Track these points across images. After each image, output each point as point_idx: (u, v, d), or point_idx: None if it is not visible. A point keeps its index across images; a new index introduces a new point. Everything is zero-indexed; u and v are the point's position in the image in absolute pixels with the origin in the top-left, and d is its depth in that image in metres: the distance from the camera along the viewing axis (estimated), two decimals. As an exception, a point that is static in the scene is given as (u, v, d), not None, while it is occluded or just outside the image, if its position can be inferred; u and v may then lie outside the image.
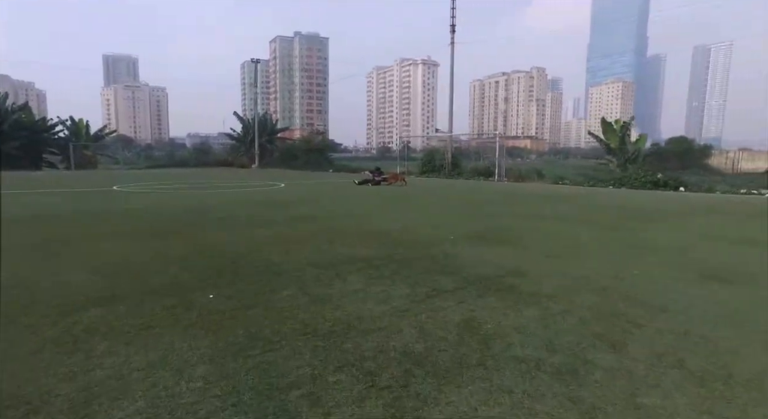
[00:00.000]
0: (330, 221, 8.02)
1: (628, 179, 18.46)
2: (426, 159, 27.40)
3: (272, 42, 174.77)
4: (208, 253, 5.24)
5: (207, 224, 7.52)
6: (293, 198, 12.84)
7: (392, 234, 6.63)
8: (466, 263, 4.87)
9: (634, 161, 21.32)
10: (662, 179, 17.70)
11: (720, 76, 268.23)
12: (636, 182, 17.97)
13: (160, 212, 9.11)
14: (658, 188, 17.46)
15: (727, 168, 35.25)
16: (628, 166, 20.94)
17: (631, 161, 21.31)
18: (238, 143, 46.29)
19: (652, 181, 17.75)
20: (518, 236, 6.57)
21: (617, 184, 18.64)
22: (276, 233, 6.64)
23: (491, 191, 16.50)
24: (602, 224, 8.08)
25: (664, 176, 18.03)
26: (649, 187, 17.60)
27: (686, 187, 17.18)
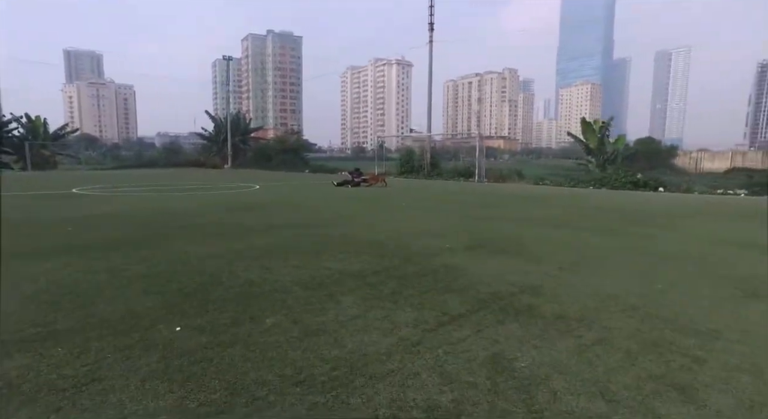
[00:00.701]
0: (313, 228, 7.36)
1: (608, 179, 18.44)
2: (404, 159, 26.91)
3: (244, 40, 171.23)
4: (174, 271, 4.52)
5: (173, 234, 6.74)
6: (270, 202, 12.08)
7: (384, 243, 6.04)
8: (473, 278, 4.34)
9: (613, 161, 21.44)
10: (642, 180, 17.74)
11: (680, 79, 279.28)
12: (616, 183, 17.96)
13: (120, 220, 8.24)
14: (638, 188, 17.49)
15: (691, 168, 36.32)
16: (607, 166, 21.01)
17: (610, 162, 21.43)
18: (210, 143, 44.74)
19: (632, 181, 17.76)
20: (520, 245, 6.09)
21: (597, 184, 18.60)
22: (253, 244, 5.94)
23: (475, 192, 16.12)
24: (601, 228, 7.71)
25: (644, 176, 18.07)
26: (629, 187, 17.61)
27: (665, 187, 17.25)
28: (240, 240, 6.12)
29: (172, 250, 5.46)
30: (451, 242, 6.15)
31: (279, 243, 5.96)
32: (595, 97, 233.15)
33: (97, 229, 7.03)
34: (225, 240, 6.11)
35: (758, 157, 40.32)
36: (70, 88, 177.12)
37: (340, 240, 6.24)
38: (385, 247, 5.81)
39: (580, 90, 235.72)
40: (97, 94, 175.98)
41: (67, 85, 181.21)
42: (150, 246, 5.66)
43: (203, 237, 6.37)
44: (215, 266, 4.67)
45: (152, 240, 6.07)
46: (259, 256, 5.17)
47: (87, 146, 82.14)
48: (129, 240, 6.08)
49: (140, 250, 5.42)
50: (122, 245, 5.70)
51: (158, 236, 6.46)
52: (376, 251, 5.57)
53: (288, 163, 34.94)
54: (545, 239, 6.60)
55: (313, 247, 5.75)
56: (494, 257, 5.33)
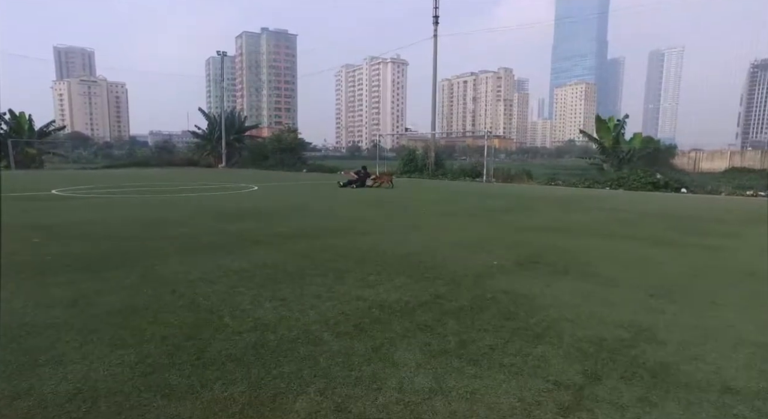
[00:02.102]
0: (327, 238, 6.27)
1: (625, 179, 17.47)
2: (407, 159, 25.81)
3: (238, 38, 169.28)
4: (159, 305, 3.41)
5: (160, 247, 5.62)
6: (271, 205, 10.96)
7: (418, 259, 4.96)
8: (552, 313, 3.27)
9: (629, 160, 20.47)
10: (662, 180, 16.79)
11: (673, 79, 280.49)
12: (635, 183, 16.99)
13: (99, 229, 7.09)
14: (658, 189, 16.54)
15: (689, 168, 35.60)
16: (623, 166, 20.05)
17: (626, 161, 20.46)
18: (204, 142, 43.35)
19: (651, 182, 16.81)
20: (578, 261, 5.04)
21: (614, 185, 17.63)
22: (259, 261, 4.84)
23: (491, 194, 15.07)
24: (656, 239, 6.67)
25: (664, 177, 17.13)
26: (648, 188, 16.65)
27: (687, 188, 16.31)
28: (242, 256, 5.01)
29: (158, 271, 4.34)
30: (497, 257, 5.09)
31: (290, 260, 4.86)
32: (590, 96, 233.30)
33: (68, 241, 5.88)
34: (223, 256, 5.00)
35: (757, 156, 39.81)
36: (60, 85, 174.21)
37: (365, 255, 5.15)
38: (421, 264, 4.73)
39: (575, 89, 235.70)
40: (88, 91, 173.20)
41: (58, 82, 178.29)
42: (130, 265, 4.54)
43: (196, 252, 5.25)
44: (213, 297, 3.57)
45: (133, 257, 4.94)
46: (268, 279, 4.07)
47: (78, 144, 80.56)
48: (105, 257, 4.94)
49: (117, 271, 4.30)
50: (95, 264, 4.57)
51: (141, 250, 5.33)
52: (411, 270, 4.49)
53: (285, 162, 33.73)
54: (602, 252, 5.55)
55: (333, 264, 4.66)
56: (558, 278, 4.27)
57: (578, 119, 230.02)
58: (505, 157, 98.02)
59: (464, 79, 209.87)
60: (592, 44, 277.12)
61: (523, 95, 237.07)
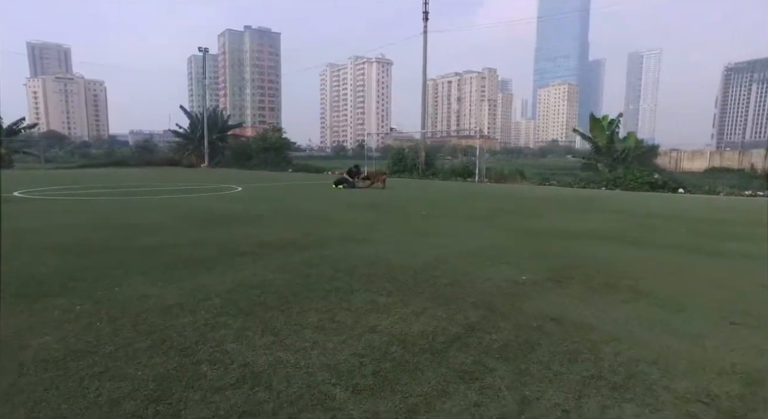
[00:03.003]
0: (323, 248, 5.50)
1: (622, 179, 17.05)
2: (396, 158, 25.10)
3: (221, 36, 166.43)
4: (120, 344, 2.62)
5: (127, 262, 4.79)
6: (257, 209, 10.12)
7: (431, 274, 4.24)
8: (625, 349, 2.59)
9: (623, 160, 20.09)
10: (659, 180, 16.41)
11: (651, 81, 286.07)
12: (632, 183, 16.58)
13: (50, 238, 6.20)
14: (655, 189, 16.16)
15: (671, 167, 35.81)
16: (617, 166, 19.66)
17: (621, 161, 20.08)
18: (186, 141, 41.98)
19: (648, 182, 16.42)
20: (619, 274, 4.38)
21: (611, 185, 17.21)
22: (244, 279, 4.06)
23: (489, 195, 14.46)
24: (690, 246, 6.08)
25: (661, 177, 16.76)
26: (646, 188, 16.25)
27: (685, 189, 15.97)
28: (225, 273, 4.22)
29: (119, 295, 3.53)
30: (523, 270, 4.41)
31: (282, 277, 4.09)
32: (573, 97, 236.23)
33: (16, 253, 5.00)
34: (203, 273, 4.20)
35: (734, 156, 40.36)
36: (34, 82, 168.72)
37: (370, 269, 4.41)
38: (438, 280, 4.02)
39: (558, 90, 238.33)
40: (65, 89, 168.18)
41: (32, 79, 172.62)
42: (84, 287, 3.71)
43: (170, 268, 4.43)
44: (189, 331, 2.79)
45: (91, 275, 4.11)
46: (257, 305, 3.31)
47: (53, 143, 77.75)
48: (54, 275, 4.10)
49: (65, 295, 3.47)
50: (37, 286, 3.73)
51: (103, 265, 4.49)
52: (429, 288, 3.77)
53: (269, 162, 32.70)
54: (640, 263, 4.92)
55: (333, 283, 3.91)
56: (607, 299, 3.59)
57: (561, 119, 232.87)
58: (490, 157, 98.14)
59: (449, 79, 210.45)
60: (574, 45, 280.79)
61: (507, 95, 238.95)
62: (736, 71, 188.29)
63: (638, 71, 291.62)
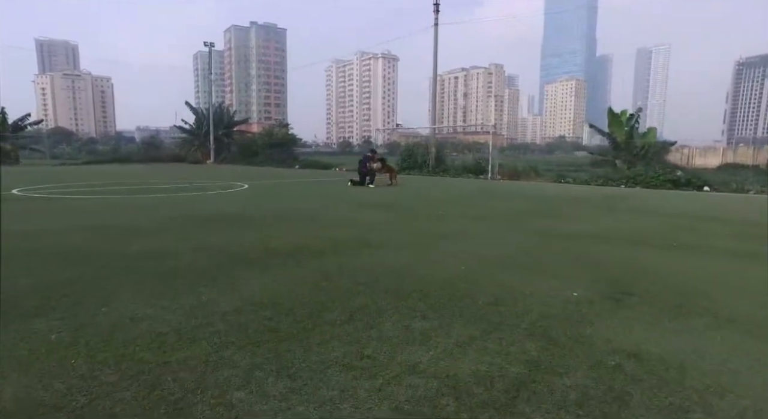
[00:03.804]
0: (339, 255, 4.95)
1: (642, 177, 16.34)
2: (406, 154, 24.48)
3: (227, 32, 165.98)
4: (102, 389, 2.07)
5: (117, 274, 4.26)
6: (265, 208, 9.59)
7: (467, 289, 3.67)
8: (749, 408, 2.01)
9: (643, 156, 19.34)
10: (683, 178, 15.70)
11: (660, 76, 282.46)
12: (653, 181, 15.87)
13: (36, 244, 5.69)
14: (679, 187, 15.45)
15: (682, 164, 34.95)
16: (636, 162, 18.92)
17: (640, 157, 19.33)
18: (191, 137, 41.56)
19: (671, 180, 15.71)
20: (689, 290, 3.79)
21: (630, 183, 16.50)
22: (252, 296, 3.52)
23: (505, 193, 13.83)
24: (748, 252, 5.47)
25: (684, 174, 16.05)
26: (668, 186, 15.55)
27: (711, 186, 15.24)
28: (229, 287, 3.67)
29: (105, 318, 2.99)
30: (570, 284, 3.83)
31: (296, 293, 3.54)
32: (580, 93, 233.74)
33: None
34: (205, 287, 3.66)
35: (748, 152, 39.38)
36: (43, 79, 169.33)
37: (397, 282, 3.84)
38: (478, 297, 3.45)
39: (565, 86, 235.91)
40: (72, 86, 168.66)
41: (40, 75, 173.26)
42: (70, 307, 3.17)
43: (167, 280, 3.89)
44: (186, 373, 2.24)
45: (76, 291, 3.57)
46: (269, 331, 2.76)
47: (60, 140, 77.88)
48: (41, 289, 3.56)
49: (49, 317, 2.94)
50: (23, 302, 3.19)
51: (90, 279, 3.95)
52: (469, 308, 3.21)
53: (276, 158, 32.19)
54: (704, 275, 4.31)
55: (357, 300, 3.35)
56: (680, 322, 3.00)
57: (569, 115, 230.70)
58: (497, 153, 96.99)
59: (455, 75, 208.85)
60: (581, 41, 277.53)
61: (514, 91, 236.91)
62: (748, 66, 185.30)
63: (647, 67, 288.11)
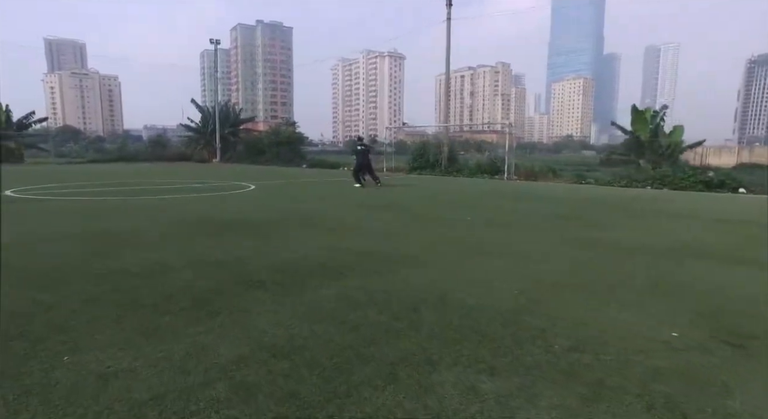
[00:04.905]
0: (364, 275, 4.18)
1: (670, 178, 15.43)
2: (417, 153, 23.65)
3: (233, 30, 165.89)
4: None
5: (90, 300, 3.53)
6: (273, 213, 8.84)
7: (533, 325, 2.89)
8: None
9: (669, 156, 18.40)
10: (715, 179, 14.78)
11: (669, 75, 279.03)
12: (683, 182, 14.96)
13: (18, 258, 4.98)
14: (711, 189, 14.53)
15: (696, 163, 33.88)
16: (661, 162, 18.01)
17: (666, 157, 18.39)
18: (197, 135, 41.00)
19: (702, 181, 14.79)
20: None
21: (656, 184, 15.59)
22: (263, 337, 2.76)
23: (527, 196, 13.01)
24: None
25: (716, 174, 15.12)
26: (699, 188, 14.63)
27: (746, 188, 14.31)
28: (233, 322, 2.91)
29: (70, 373, 2.23)
30: (661, 319, 3.03)
31: (318, 333, 2.77)
32: (588, 91, 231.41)
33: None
34: (201, 324, 2.89)
35: (764, 152, 38.25)
36: (51, 78, 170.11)
37: (440, 314, 3.06)
38: (553, 340, 2.67)
39: (573, 84, 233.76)
40: (80, 84, 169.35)
41: (49, 74, 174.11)
42: (25, 354, 2.42)
43: (159, 312, 3.14)
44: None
45: (45, 326, 2.82)
46: (290, 396, 1.99)
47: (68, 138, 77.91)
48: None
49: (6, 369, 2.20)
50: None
51: (68, 305, 3.21)
52: (548, 359, 2.42)
53: (282, 157, 31.47)
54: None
55: (399, 344, 2.57)
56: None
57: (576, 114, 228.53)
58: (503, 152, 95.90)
59: (462, 73, 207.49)
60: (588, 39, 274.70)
61: (520, 90, 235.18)
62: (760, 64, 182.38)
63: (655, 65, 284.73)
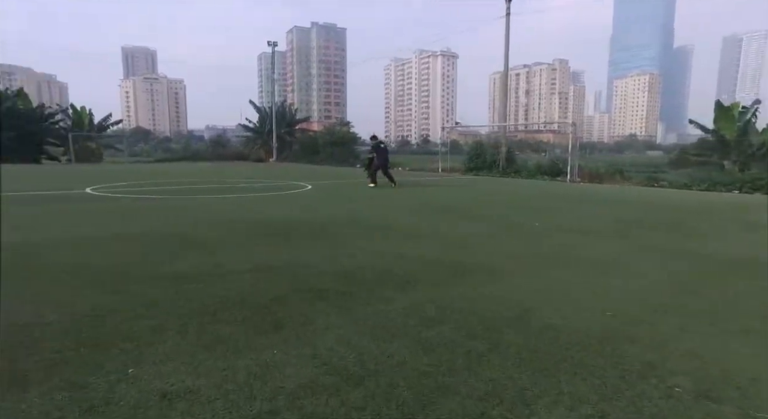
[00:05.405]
0: (432, 286, 3.83)
1: (762, 181, 13.77)
2: (474, 153, 22.94)
3: (289, 33, 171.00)
4: None
5: (153, 306, 3.42)
6: (331, 214, 8.68)
7: (641, 359, 2.42)
8: None
9: (763, 157, 16.42)
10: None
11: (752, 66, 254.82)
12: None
13: (77, 257, 5.06)
14: (815, 195, 12.81)
15: None
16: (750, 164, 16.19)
17: (758, 158, 16.45)
18: (255, 135, 42.46)
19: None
20: None
21: (746, 188, 14.00)
22: (330, 355, 2.49)
23: (598, 200, 12.09)
24: None
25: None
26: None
27: None
28: (297, 337, 2.66)
29: (132, 388, 2.06)
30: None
31: (391, 355, 2.46)
32: (654, 88, 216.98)
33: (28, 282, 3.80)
34: (265, 337, 2.67)
35: None
36: (127, 83, 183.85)
37: (527, 340, 2.65)
38: (668, 380, 2.19)
39: (637, 81, 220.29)
40: (150, 88, 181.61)
41: (125, 80, 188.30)
42: (84, 363, 2.30)
43: (216, 324, 2.96)
44: None
45: (101, 334, 2.72)
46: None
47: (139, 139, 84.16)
48: (57, 333, 2.75)
49: (47, 386, 2.07)
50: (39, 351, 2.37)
51: (122, 313, 3.12)
52: (674, 413, 1.96)
53: (336, 157, 31.77)
54: None
55: (486, 373, 2.20)
56: None
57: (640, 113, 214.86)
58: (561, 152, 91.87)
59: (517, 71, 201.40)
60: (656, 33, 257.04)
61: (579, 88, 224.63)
62: None
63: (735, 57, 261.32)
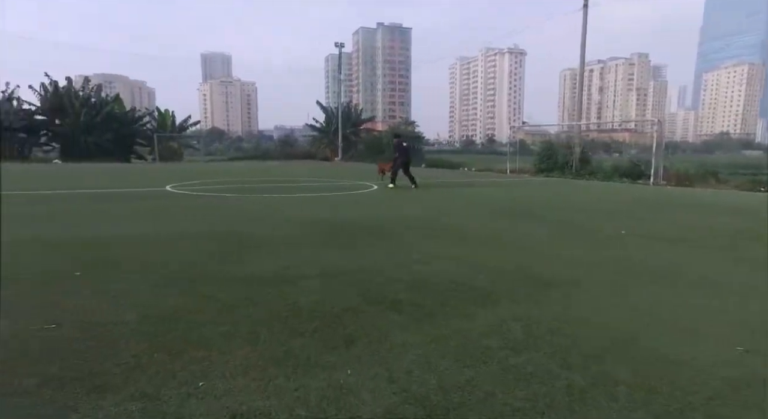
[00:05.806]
0: (511, 301, 3.47)
1: None
2: (544, 154, 21.79)
3: (355, 34, 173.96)
4: None
5: (225, 312, 3.35)
6: (398, 215, 8.46)
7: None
8: None
9: None
10: None
11: None
12: None
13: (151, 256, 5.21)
14: None
15: None
16: None
17: None
18: (321, 134, 43.61)
19: None
20: None
21: None
22: (409, 381, 2.23)
23: (691, 205, 10.88)
24: None
25: None
26: None
27: None
28: (371, 360, 2.43)
29: (201, 404, 1.94)
30: None
31: (475, 390, 2.16)
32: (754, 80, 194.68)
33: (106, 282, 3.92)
34: (335, 359, 2.48)
35: None
36: (204, 86, 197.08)
37: (634, 370, 2.22)
38: None
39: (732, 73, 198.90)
40: (226, 91, 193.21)
41: (203, 84, 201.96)
42: (155, 373, 2.23)
43: (286, 334, 2.82)
44: None
45: (173, 340, 2.67)
46: None
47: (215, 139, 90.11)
48: (138, 334, 2.75)
49: (120, 393, 2.01)
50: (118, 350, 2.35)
51: (191, 319, 3.08)
52: None
53: (400, 156, 31.64)
54: None
55: (579, 406, 1.85)
56: None
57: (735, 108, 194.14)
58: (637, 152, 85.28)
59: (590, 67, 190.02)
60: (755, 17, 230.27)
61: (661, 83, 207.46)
62: None
63: None
